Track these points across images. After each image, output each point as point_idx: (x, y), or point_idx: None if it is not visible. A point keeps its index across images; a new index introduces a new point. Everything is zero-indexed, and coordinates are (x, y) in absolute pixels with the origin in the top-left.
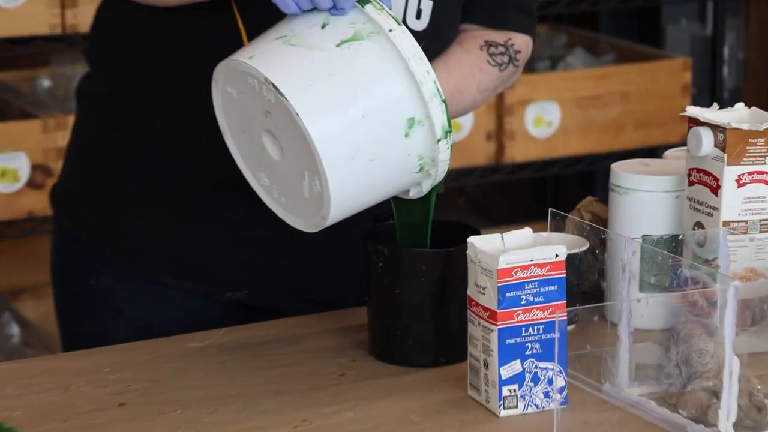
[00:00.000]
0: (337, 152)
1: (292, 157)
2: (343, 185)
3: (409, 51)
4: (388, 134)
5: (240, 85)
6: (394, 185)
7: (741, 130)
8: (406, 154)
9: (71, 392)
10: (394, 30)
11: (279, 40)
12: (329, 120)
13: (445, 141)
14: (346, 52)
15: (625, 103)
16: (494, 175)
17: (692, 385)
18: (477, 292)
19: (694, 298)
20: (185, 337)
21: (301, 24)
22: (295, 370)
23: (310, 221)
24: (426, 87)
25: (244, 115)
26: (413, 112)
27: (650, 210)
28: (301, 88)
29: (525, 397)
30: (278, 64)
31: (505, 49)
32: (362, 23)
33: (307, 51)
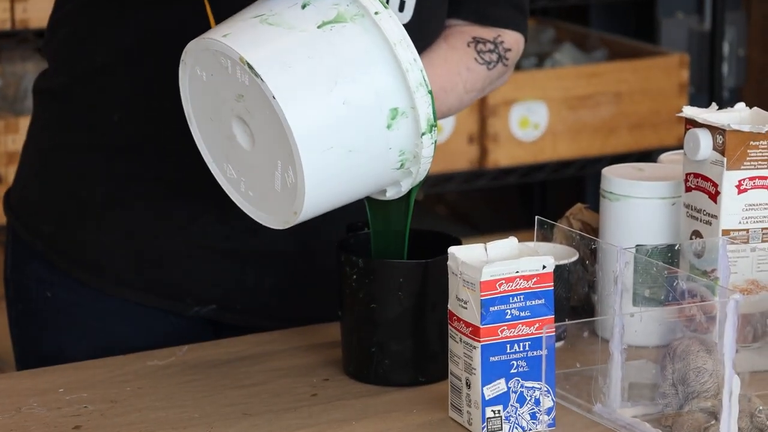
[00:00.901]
0: (315, 140)
1: (264, 146)
2: (318, 176)
3: (395, 35)
4: (370, 124)
5: (211, 66)
6: (372, 181)
7: (742, 132)
8: (387, 147)
9: (22, 414)
10: (380, 12)
11: (256, 19)
12: (307, 105)
13: (429, 135)
14: (328, 34)
15: (617, 103)
16: (477, 180)
17: (689, 405)
18: (458, 306)
19: (691, 312)
20: (145, 355)
21: (281, 3)
22: (264, 389)
23: (279, 217)
24: (412, 75)
25: (214, 99)
26: (397, 102)
27: (644, 218)
28: (278, 69)
29: (510, 418)
30: (255, 44)
31: (494, 46)
32: (346, 4)
33: (286, 31)
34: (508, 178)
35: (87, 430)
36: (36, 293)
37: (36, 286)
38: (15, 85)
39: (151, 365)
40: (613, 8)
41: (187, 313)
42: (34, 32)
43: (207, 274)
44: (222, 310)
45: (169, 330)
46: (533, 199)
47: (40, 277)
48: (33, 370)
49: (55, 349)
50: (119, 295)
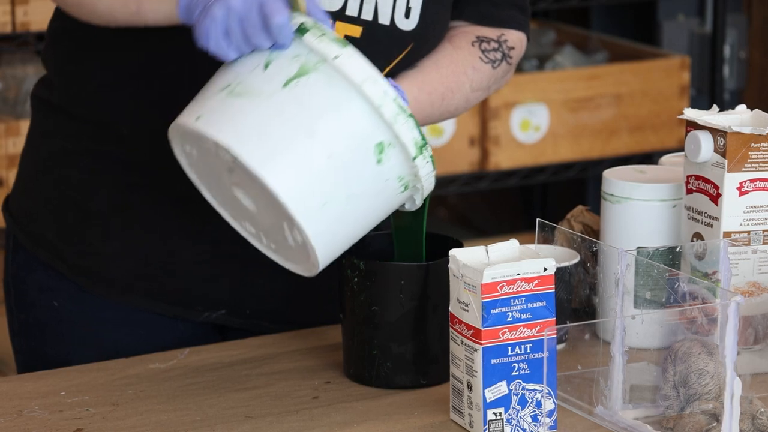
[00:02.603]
0: (309, 201)
1: (266, 210)
2: (324, 232)
3: (359, 75)
4: (359, 167)
5: (196, 144)
6: (381, 212)
7: (743, 134)
8: (384, 180)
9: (24, 418)
10: (339, 56)
11: (224, 92)
12: (292, 171)
13: (421, 156)
14: (295, 91)
15: (618, 106)
16: (478, 183)
17: (691, 407)
18: (460, 309)
19: (692, 314)
20: (147, 358)
21: (244, 67)
22: (266, 392)
23: (303, 266)
24: (386, 108)
25: (210, 170)
26: (380, 137)
27: (645, 220)
28: (255, 143)
29: (511, 421)
30: (227, 122)
31: (498, 45)
32: (305, 54)
33: (255, 99)
34: (509, 180)
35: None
36: (40, 302)
37: (40, 295)
38: (16, 88)
39: (153, 368)
40: (614, 10)
41: (197, 319)
42: (35, 35)
43: (217, 279)
44: (231, 314)
45: (176, 336)
46: (534, 202)
47: (44, 286)
48: (35, 373)
49: (61, 358)
50: (127, 304)
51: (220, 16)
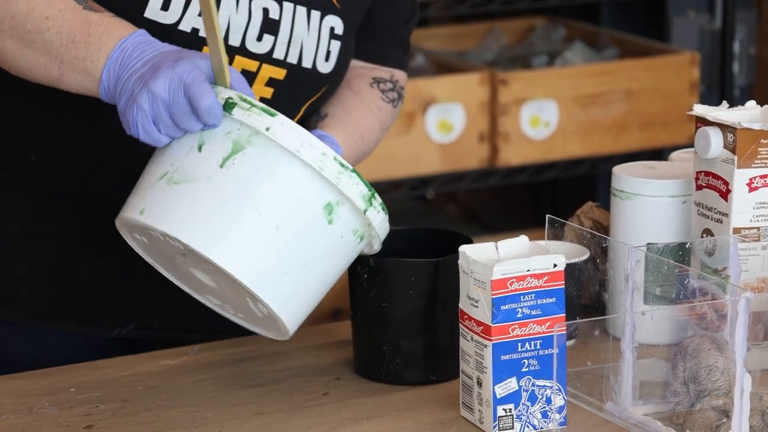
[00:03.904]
0: (267, 276)
1: (228, 287)
2: (288, 300)
3: (295, 142)
4: (311, 231)
5: (146, 234)
6: (341, 266)
7: (752, 130)
8: (339, 237)
9: (34, 414)
10: (271, 127)
11: (162, 180)
12: (244, 250)
13: (372, 208)
14: (233, 169)
15: (628, 102)
16: (488, 179)
17: (701, 403)
18: (469, 305)
19: (702, 310)
20: (157, 354)
21: (178, 151)
22: (276, 389)
23: (276, 332)
24: (328, 170)
25: (165, 254)
26: (326, 198)
27: (655, 216)
28: (202, 229)
29: (521, 417)
30: (169, 212)
31: (393, 85)
32: (237, 130)
33: (194, 185)
34: (518, 176)
35: (99, 429)
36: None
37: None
38: None
39: (163, 365)
40: (624, 7)
41: (108, 336)
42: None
43: (127, 297)
44: (141, 329)
45: (90, 354)
46: (544, 198)
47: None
48: (44, 370)
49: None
50: (37, 326)
51: (147, 105)
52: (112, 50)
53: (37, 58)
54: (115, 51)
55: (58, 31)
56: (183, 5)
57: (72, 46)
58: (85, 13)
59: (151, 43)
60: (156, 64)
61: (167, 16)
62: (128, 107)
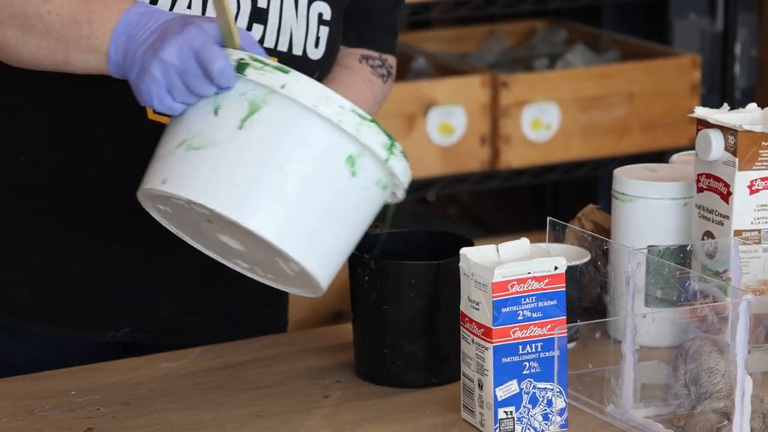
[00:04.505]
0: (296, 235)
1: (257, 250)
2: (319, 256)
3: (312, 98)
4: (336, 186)
5: (169, 203)
6: (368, 217)
7: (753, 132)
8: (363, 189)
9: (35, 417)
10: (286, 84)
11: (181, 148)
12: (271, 210)
13: (393, 156)
14: (251, 130)
15: (629, 104)
16: (489, 181)
17: (702, 406)
18: (470, 308)
19: (703, 313)
20: (158, 357)
21: (194, 118)
22: (277, 391)
23: (309, 289)
24: (347, 122)
25: (190, 223)
26: (348, 151)
27: (656, 219)
28: (227, 193)
29: (522, 419)
30: (192, 178)
31: (381, 62)
32: (252, 90)
33: (214, 149)
34: (520, 179)
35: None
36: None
37: None
38: None
39: (164, 367)
40: (625, 9)
41: (102, 340)
42: None
43: (120, 300)
44: (136, 331)
45: (80, 358)
46: (545, 200)
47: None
48: (45, 373)
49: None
50: (29, 332)
51: (159, 74)
52: (116, 24)
53: (40, 43)
54: (120, 24)
55: (58, 13)
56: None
57: (74, 26)
58: None
59: (154, 12)
60: (163, 32)
61: None
62: (140, 78)
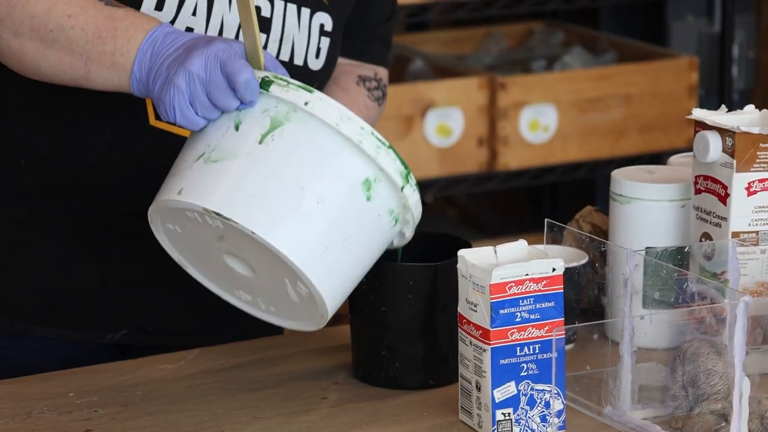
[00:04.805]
0: (309, 250)
1: (264, 272)
2: (328, 278)
3: (334, 116)
4: (351, 207)
5: (180, 220)
6: (376, 250)
7: (751, 134)
8: (377, 215)
9: (33, 419)
10: (309, 102)
11: (200, 161)
12: (286, 223)
13: (408, 185)
14: (272, 145)
15: (627, 106)
16: (487, 183)
17: (699, 407)
18: (468, 309)
19: (701, 314)
20: (155, 359)
21: (215, 133)
22: (274, 393)
23: (310, 321)
24: (367, 144)
25: (197, 244)
26: (365, 174)
27: (654, 220)
28: (244, 204)
29: (520, 421)
30: (210, 189)
31: (377, 83)
32: (275, 107)
33: (233, 162)
34: (517, 180)
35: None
36: None
37: None
38: None
39: (162, 369)
40: (622, 11)
41: (101, 341)
42: None
43: (119, 301)
44: (134, 333)
45: (79, 360)
46: (543, 202)
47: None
48: (43, 374)
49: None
50: (28, 334)
51: (184, 85)
52: (142, 41)
53: (61, 57)
54: (145, 42)
55: (82, 28)
56: (177, 4)
57: (99, 42)
58: (109, 9)
59: (180, 33)
60: (190, 46)
61: (161, 15)
62: (164, 90)
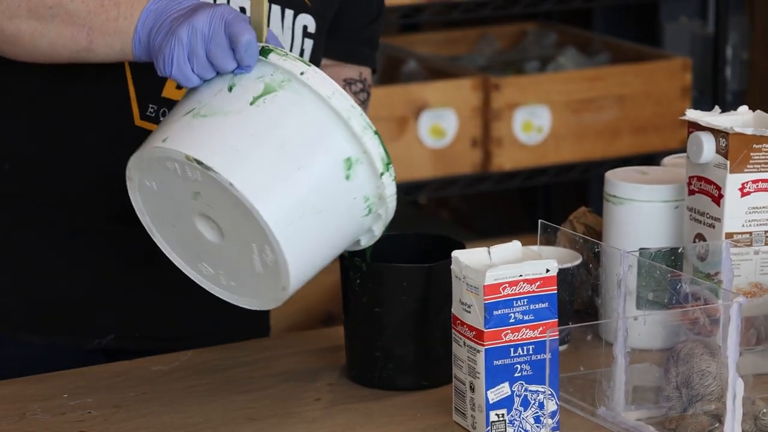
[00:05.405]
0: (283, 213)
1: (234, 234)
2: (296, 247)
3: (327, 89)
4: (329, 181)
5: (159, 174)
6: (346, 235)
7: (745, 135)
8: (352, 197)
9: (26, 420)
10: (305, 72)
11: (188, 115)
12: (265, 182)
13: (388, 174)
14: (263, 107)
15: (620, 107)
16: (480, 184)
17: (693, 408)
18: (462, 310)
19: (694, 315)
20: (149, 360)
21: (207, 93)
22: (268, 394)
23: (269, 297)
24: (355, 121)
25: (170, 204)
26: (348, 152)
27: (648, 221)
28: (226, 157)
29: (514, 422)
30: (195, 139)
31: (363, 85)
32: (270, 74)
33: (222, 118)
34: (511, 181)
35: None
36: None
37: None
38: None
39: (155, 370)
40: (616, 12)
41: (88, 347)
42: None
43: (106, 307)
44: (121, 338)
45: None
46: (537, 203)
47: None
48: (36, 376)
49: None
50: (14, 340)
51: (186, 37)
52: (147, 3)
53: (61, 31)
54: (150, 4)
55: (83, 0)
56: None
57: (101, 11)
58: None
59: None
60: (195, 7)
61: None
62: (165, 41)
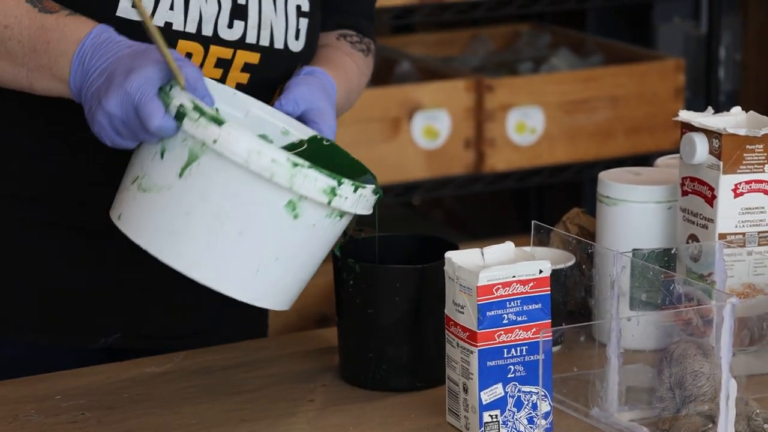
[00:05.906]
0: (238, 278)
1: None
2: (267, 293)
3: (243, 153)
4: (279, 229)
5: None
6: (323, 246)
7: (738, 135)
8: (311, 226)
9: (19, 422)
10: (217, 138)
11: (134, 185)
12: (210, 258)
13: (337, 197)
14: (190, 180)
15: (613, 108)
16: (473, 185)
17: (687, 409)
18: (455, 311)
19: (688, 316)
20: (142, 362)
21: (145, 155)
22: (261, 395)
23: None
24: (279, 175)
25: None
26: (286, 197)
27: (641, 222)
28: (169, 242)
29: (507, 423)
30: (141, 223)
31: (360, 38)
32: (191, 138)
33: (158, 195)
34: (504, 182)
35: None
36: None
37: None
38: None
39: (148, 372)
40: (609, 13)
41: (94, 346)
42: None
43: (113, 305)
44: (127, 337)
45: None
46: (530, 204)
47: None
48: (30, 377)
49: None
50: (23, 340)
51: (106, 122)
52: (72, 58)
53: (5, 67)
54: (75, 59)
55: (18, 40)
56: (154, 1)
57: (34, 55)
58: (41, 18)
59: (108, 44)
60: (110, 75)
61: None
62: (91, 120)
